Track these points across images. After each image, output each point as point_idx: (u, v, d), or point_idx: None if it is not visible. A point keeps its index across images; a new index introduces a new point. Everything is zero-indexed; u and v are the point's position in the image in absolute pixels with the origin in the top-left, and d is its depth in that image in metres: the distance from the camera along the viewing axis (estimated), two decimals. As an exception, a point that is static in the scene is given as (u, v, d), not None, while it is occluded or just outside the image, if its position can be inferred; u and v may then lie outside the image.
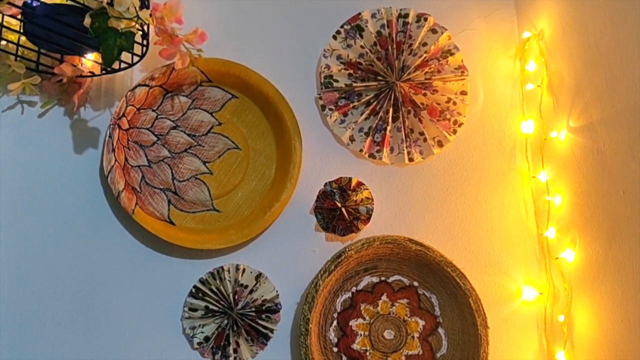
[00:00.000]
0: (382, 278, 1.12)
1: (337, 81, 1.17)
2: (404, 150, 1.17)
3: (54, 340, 1.00)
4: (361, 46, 1.17)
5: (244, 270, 1.06)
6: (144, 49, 1.01)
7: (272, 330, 1.06)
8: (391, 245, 1.10)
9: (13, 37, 1.01)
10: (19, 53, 1.01)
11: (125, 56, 1.02)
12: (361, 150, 1.16)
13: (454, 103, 1.20)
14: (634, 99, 0.98)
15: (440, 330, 1.12)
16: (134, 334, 1.03)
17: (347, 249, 1.08)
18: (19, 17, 0.95)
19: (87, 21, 0.88)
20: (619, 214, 1.01)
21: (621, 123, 1.01)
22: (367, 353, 1.09)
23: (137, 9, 0.90)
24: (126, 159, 1.07)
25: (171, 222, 1.07)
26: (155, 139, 1.10)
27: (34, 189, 1.04)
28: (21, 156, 1.04)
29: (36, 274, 1.01)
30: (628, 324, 0.98)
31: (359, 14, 1.17)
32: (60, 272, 1.02)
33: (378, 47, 1.17)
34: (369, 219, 1.11)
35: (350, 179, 1.10)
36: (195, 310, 1.04)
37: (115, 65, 1.02)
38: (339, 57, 1.17)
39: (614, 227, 1.02)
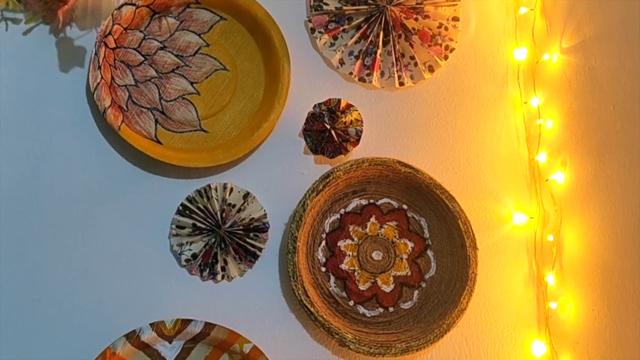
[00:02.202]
0: (371, 201, 1.12)
1: (327, 4, 1.15)
2: (394, 74, 1.15)
3: (41, 257, 1.00)
4: (351, -31, 1.15)
5: (231, 189, 1.05)
6: (129, -38, 0.99)
7: (260, 249, 1.05)
8: (380, 167, 1.09)
9: (-4, -51, 0.99)
10: (2, -33, 1.00)
11: (111, -27, 1.00)
12: (351, 74, 1.15)
13: (446, 28, 1.18)
14: (626, 11, 0.97)
15: (429, 252, 1.12)
16: (121, 251, 1.02)
17: (335, 170, 1.07)
18: None
19: None
20: (609, 128, 1.00)
21: (613, 36, 0.99)
22: (355, 273, 1.09)
23: None
24: (113, 78, 1.06)
25: (158, 142, 1.06)
26: (142, 59, 1.08)
27: (19, 106, 1.03)
28: (5, 73, 1.03)
29: (23, 191, 1.01)
30: (616, 239, 0.97)
31: None
32: (46, 189, 1.02)
33: (369, -30, 1.16)
34: (358, 140, 1.10)
35: (339, 100, 1.09)
36: (182, 227, 1.03)
37: (101, -18, 1.01)
38: (329, -20, 1.15)
39: (603, 143, 1.01)
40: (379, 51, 1.15)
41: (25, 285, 0.98)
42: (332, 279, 1.08)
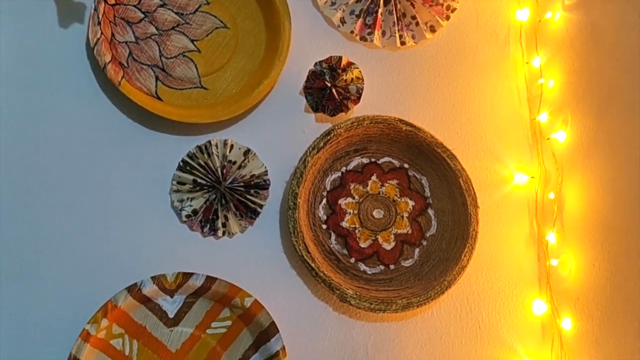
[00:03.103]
0: (372, 159, 1.12)
1: (328, -37, 1.14)
2: (395, 33, 1.15)
3: (43, 210, 0.99)
4: None
5: (232, 146, 1.05)
6: None
7: (260, 206, 1.05)
8: (381, 125, 1.09)
9: None
10: None
11: None
12: (352, 32, 1.14)
13: (448, -12, 1.18)
14: (629, -36, 0.96)
15: (430, 211, 1.11)
16: (122, 207, 1.02)
17: (336, 127, 1.07)
18: None
19: None
20: (611, 84, 0.99)
21: (616, -10, 0.99)
22: (356, 231, 1.09)
23: None
24: (113, 35, 1.05)
25: (159, 98, 1.06)
26: (142, 16, 1.08)
27: (19, 62, 1.02)
28: (5, 29, 1.02)
29: (23, 146, 1.01)
30: (617, 193, 0.97)
31: None
32: (47, 143, 1.01)
33: None
34: (359, 98, 1.09)
35: (340, 58, 1.08)
36: (183, 184, 1.03)
37: (100, -63, 1.00)
38: (330, -62, 1.14)
39: (605, 98, 1.00)
40: (380, 10, 1.14)
41: (27, 238, 0.98)
42: (333, 236, 1.08)
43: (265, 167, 1.06)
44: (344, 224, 1.09)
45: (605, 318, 0.97)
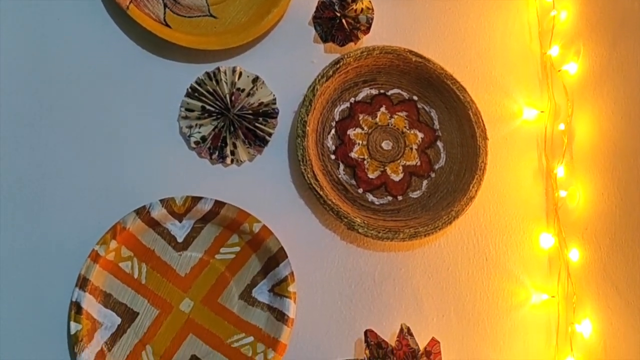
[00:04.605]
0: (382, 91, 1.11)
1: None
2: (406, -35, 1.14)
3: (49, 135, 0.99)
4: None
5: (240, 73, 1.04)
6: None
7: (269, 134, 1.05)
8: (391, 55, 1.08)
9: None
10: None
11: None
12: (362, -37, 1.13)
13: None
14: None
15: (439, 144, 1.11)
16: (131, 133, 1.01)
17: (346, 56, 1.06)
18: None
19: None
20: (626, 9, 0.98)
21: None
22: (365, 161, 1.08)
23: None
24: (120, -40, 1.04)
25: (167, 25, 1.05)
26: (150, -58, 1.06)
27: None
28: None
29: (31, 72, 1.00)
30: (628, 120, 0.97)
31: None
32: (53, 69, 1.00)
33: None
34: (368, 29, 1.08)
35: (350, -13, 1.07)
36: (191, 110, 1.03)
37: None
38: None
39: (620, 25, 0.99)
40: (391, -59, 1.13)
41: (34, 162, 0.97)
42: (342, 166, 1.08)
43: (274, 96, 1.06)
44: (353, 154, 1.08)
45: (614, 245, 0.97)
